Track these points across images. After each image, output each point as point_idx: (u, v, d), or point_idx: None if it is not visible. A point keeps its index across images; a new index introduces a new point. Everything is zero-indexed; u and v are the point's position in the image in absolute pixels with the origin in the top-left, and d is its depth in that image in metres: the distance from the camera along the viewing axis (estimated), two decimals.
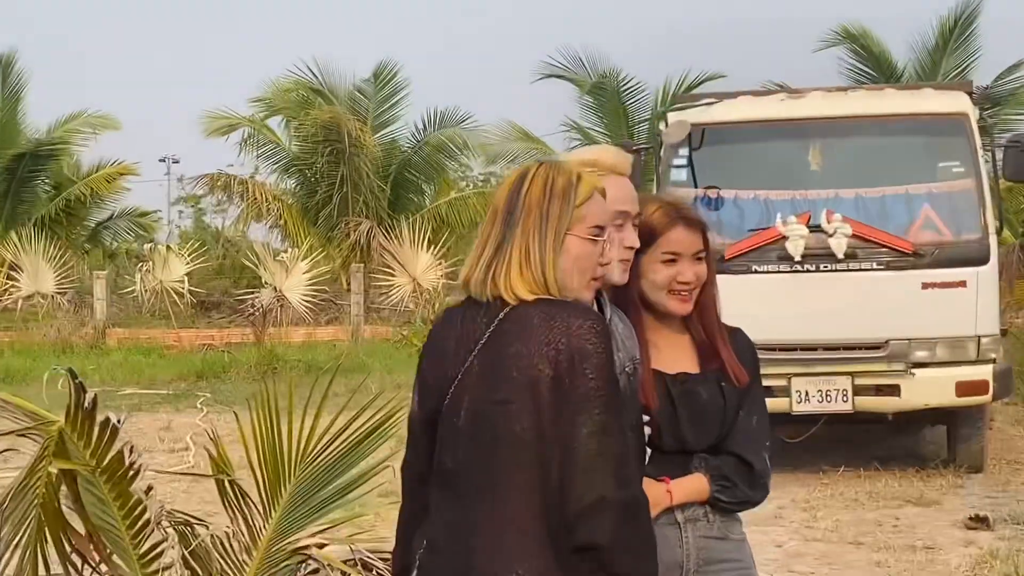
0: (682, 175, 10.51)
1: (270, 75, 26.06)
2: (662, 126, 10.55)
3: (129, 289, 24.80)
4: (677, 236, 3.19)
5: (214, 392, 17.03)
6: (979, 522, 8.52)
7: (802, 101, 10.83)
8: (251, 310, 21.74)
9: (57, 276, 24.70)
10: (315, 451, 3.91)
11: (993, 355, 9.97)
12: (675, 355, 3.27)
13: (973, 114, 10.30)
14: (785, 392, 10.00)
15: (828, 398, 9.97)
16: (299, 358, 19.17)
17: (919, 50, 22.93)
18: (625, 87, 22.91)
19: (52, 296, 24.49)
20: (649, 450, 3.09)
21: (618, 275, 2.97)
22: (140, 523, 3.64)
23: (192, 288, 24.37)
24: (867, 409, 10.08)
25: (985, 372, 9.89)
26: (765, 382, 10.49)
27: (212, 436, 3.89)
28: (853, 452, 11.34)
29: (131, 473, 3.59)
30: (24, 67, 29.03)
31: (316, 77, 23.70)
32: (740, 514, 3.44)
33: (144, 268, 24.14)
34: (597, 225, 2.64)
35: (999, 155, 10.47)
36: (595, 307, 2.99)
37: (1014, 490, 9.87)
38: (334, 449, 3.94)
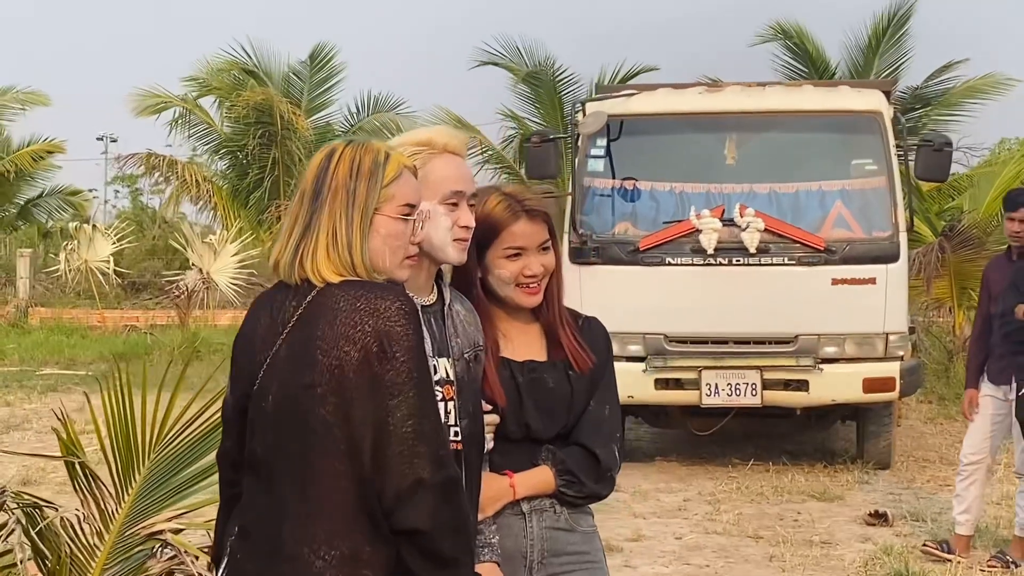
0: (599, 166, 10.50)
1: (205, 54, 25.75)
2: (579, 116, 10.52)
3: (54, 268, 24.49)
4: (521, 229, 3.14)
5: (134, 375, 16.81)
6: (878, 518, 8.58)
7: (720, 95, 10.84)
8: (177, 292, 21.52)
9: None
10: (170, 435, 3.85)
11: (901, 352, 10.04)
12: (524, 344, 3.24)
13: (888, 112, 10.35)
14: (695, 385, 10.03)
15: (737, 392, 10.00)
16: (223, 341, 19.00)
17: (852, 49, 23.05)
18: (560, 77, 22.90)
19: None
20: (491, 437, 3.07)
21: (454, 255, 2.92)
22: None
23: (118, 269, 24.08)
24: (776, 403, 10.12)
25: (892, 369, 9.96)
26: (675, 375, 10.56)
27: (60, 417, 3.81)
28: (764, 446, 11.41)
29: None
30: None
31: (250, 58, 23.47)
32: (606, 501, 3.42)
33: (69, 247, 23.83)
34: (407, 203, 2.61)
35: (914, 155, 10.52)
36: (434, 290, 2.96)
37: (918, 487, 9.96)
38: (190, 433, 3.88)
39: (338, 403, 2.43)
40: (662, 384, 10.07)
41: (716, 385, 10.03)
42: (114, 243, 23.72)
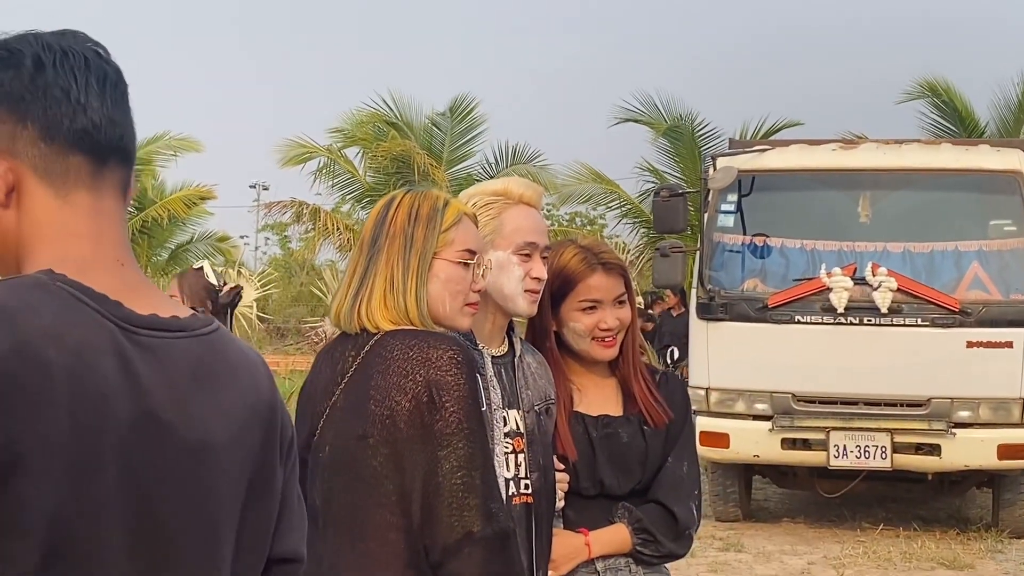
0: (729, 221, 10.40)
1: (350, 106, 26.19)
2: (711, 171, 10.43)
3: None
4: (597, 283, 3.12)
5: None
6: None
7: (854, 152, 10.67)
8: (316, 338, 21.85)
9: None
10: None
11: None
12: (600, 398, 3.21)
13: None
14: (823, 446, 9.82)
15: (866, 454, 9.76)
16: None
17: (1001, 107, 22.52)
18: (701, 131, 22.74)
19: None
20: (562, 493, 3.03)
21: (525, 307, 2.90)
22: None
23: (261, 314, 24.53)
24: (906, 467, 9.86)
25: None
26: (803, 435, 10.38)
27: None
28: (895, 511, 11.11)
29: None
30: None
31: (392, 110, 23.80)
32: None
33: None
34: (467, 249, 2.59)
35: None
36: (505, 341, 2.94)
37: None
38: None
39: (389, 454, 2.40)
40: (789, 444, 9.89)
41: (844, 447, 9.80)
42: (258, 289, 24.16)
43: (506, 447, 2.81)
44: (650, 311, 16.82)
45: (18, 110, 1.51)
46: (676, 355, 14.90)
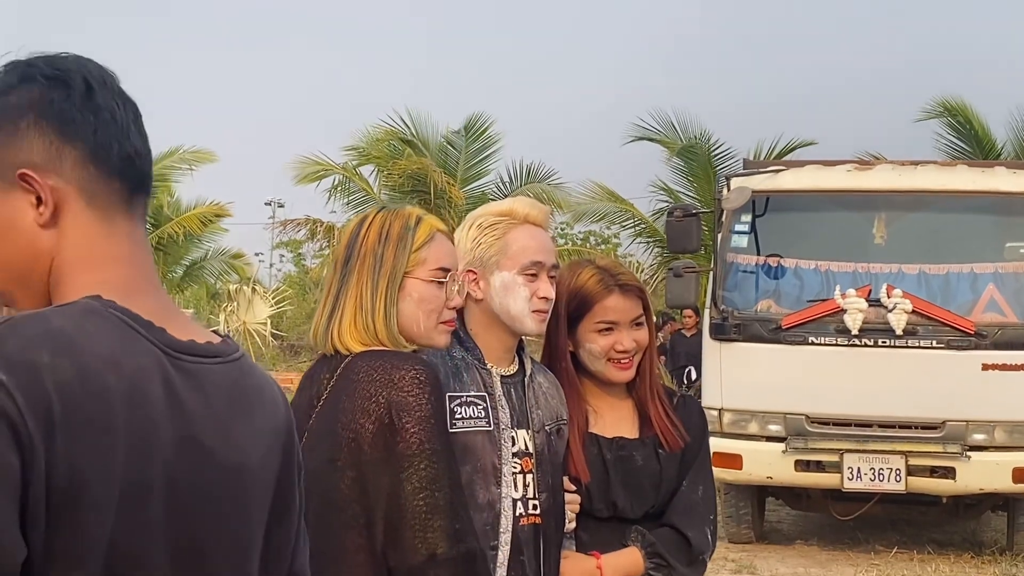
0: (743, 242, 10.36)
1: (366, 123, 26.17)
2: (724, 191, 10.40)
3: (213, 329, 25.08)
4: (613, 304, 3.08)
5: None
6: None
7: (869, 173, 10.64)
8: None
9: None
10: None
11: None
12: (615, 420, 3.18)
13: None
14: (837, 468, 9.76)
15: (881, 476, 9.70)
16: None
17: (1019, 129, 22.45)
18: (716, 151, 22.70)
19: None
20: (572, 515, 3.00)
21: (532, 326, 2.88)
22: None
23: (275, 331, 24.53)
24: (921, 490, 9.79)
25: None
26: (816, 456, 10.30)
27: None
28: (909, 534, 11.04)
29: None
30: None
31: (408, 127, 23.79)
32: None
33: (228, 308, 24.36)
34: (441, 267, 2.57)
35: None
36: (515, 361, 2.92)
37: None
38: None
39: (356, 477, 2.40)
40: (803, 466, 9.84)
41: (859, 469, 9.74)
42: (272, 306, 24.16)
43: (514, 467, 2.79)
44: (662, 335, 16.79)
45: (67, 131, 1.50)
46: (693, 376, 14.85)
